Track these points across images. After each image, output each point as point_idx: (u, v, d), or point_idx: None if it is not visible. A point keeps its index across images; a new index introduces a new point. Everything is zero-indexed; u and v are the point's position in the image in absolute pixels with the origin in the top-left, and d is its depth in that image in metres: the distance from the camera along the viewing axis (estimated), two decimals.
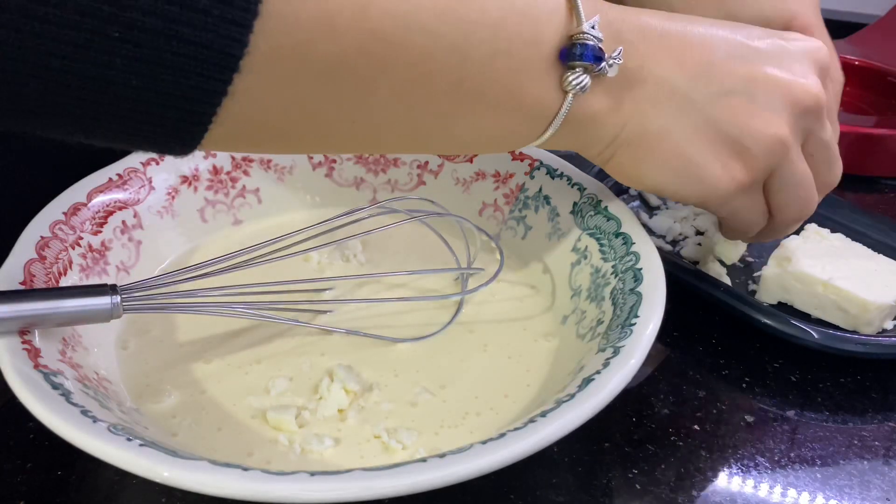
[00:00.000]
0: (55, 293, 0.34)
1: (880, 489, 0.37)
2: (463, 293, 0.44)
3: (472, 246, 0.47)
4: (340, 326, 0.41)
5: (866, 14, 0.94)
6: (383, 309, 0.43)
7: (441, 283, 0.45)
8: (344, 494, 0.28)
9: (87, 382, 0.34)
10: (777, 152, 0.38)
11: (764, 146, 0.37)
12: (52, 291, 0.34)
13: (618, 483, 0.36)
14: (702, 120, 0.37)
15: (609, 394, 0.32)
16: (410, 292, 0.45)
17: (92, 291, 0.34)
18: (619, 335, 0.35)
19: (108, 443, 0.28)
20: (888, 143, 0.65)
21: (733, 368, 0.44)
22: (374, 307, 0.43)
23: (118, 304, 0.34)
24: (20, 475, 0.35)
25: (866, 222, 0.54)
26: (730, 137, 0.37)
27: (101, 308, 0.34)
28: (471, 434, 0.36)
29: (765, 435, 0.40)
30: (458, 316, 0.43)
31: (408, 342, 0.41)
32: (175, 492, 0.29)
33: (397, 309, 0.43)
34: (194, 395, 0.37)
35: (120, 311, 0.35)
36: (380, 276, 0.45)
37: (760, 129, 0.37)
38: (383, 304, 0.43)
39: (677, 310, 0.45)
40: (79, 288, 0.35)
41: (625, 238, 0.41)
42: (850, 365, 0.44)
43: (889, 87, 0.75)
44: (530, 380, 0.39)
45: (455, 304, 0.44)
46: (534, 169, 0.48)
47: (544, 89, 0.34)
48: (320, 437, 0.35)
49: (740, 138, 0.37)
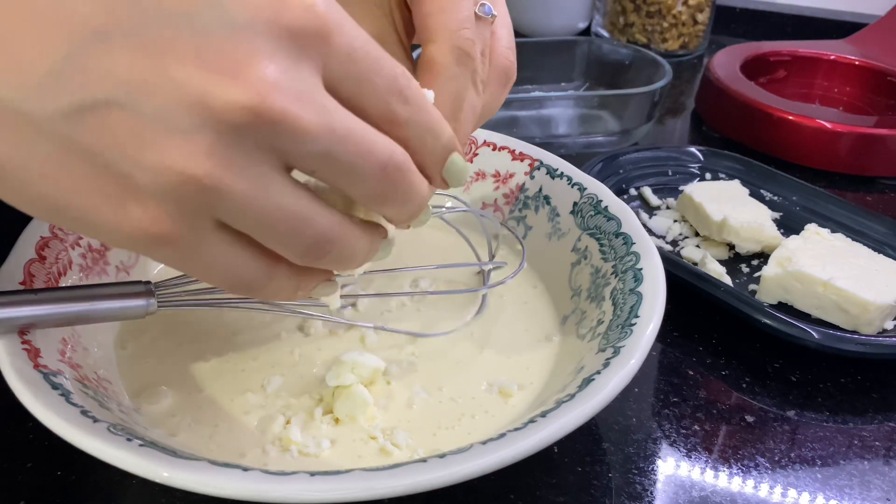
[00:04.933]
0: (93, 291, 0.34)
1: (880, 489, 0.37)
2: (486, 287, 0.44)
3: (495, 240, 0.47)
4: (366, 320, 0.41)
5: (866, 14, 0.94)
6: (401, 304, 0.43)
7: (462, 278, 0.46)
8: (344, 494, 0.28)
9: (86, 382, 0.34)
10: (191, 196, 0.24)
11: (165, 188, 0.24)
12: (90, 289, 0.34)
13: (618, 483, 0.36)
14: (59, 148, 0.24)
15: (609, 394, 0.32)
16: (432, 287, 0.45)
17: (128, 290, 0.35)
18: (620, 335, 0.35)
19: (108, 443, 0.28)
20: (888, 143, 0.65)
21: (733, 368, 0.44)
22: (390, 302, 0.43)
23: (153, 303, 0.35)
24: (20, 475, 0.35)
25: (866, 222, 0.54)
26: (114, 170, 0.24)
27: (138, 307, 0.35)
28: (469, 435, 0.36)
29: (765, 435, 0.40)
30: (482, 311, 0.43)
31: (432, 336, 0.41)
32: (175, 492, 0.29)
33: (415, 305, 0.43)
34: (192, 394, 0.37)
35: (154, 308, 0.35)
36: (402, 271, 0.45)
37: (155, 162, 0.24)
38: (399, 300, 0.44)
39: (677, 310, 0.45)
40: (115, 285, 0.35)
41: (625, 238, 0.41)
42: (850, 365, 0.44)
43: (889, 87, 0.75)
44: (530, 380, 0.39)
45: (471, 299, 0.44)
46: (534, 169, 0.48)
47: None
48: (318, 439, 0.35)
49: (131, 173, 0.24)
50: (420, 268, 0.45)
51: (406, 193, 0.28)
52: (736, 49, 0.77)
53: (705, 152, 0.61)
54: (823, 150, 0.65)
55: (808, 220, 0.53)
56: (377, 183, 0.27)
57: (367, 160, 0.27)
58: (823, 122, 0.65)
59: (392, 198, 0.28)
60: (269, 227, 0.26)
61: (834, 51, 0.79)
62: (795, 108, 0.67)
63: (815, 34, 0.91)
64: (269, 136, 0.24)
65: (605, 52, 0.77)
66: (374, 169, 0.27)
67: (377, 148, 0.27)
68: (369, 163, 0.27)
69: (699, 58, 0.90)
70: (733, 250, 0.53)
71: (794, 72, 0.79)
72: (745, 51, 0.77)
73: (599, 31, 0.93)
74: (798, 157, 0.66)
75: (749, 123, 0.68)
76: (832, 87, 0.78)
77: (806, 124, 0.65)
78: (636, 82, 0.71)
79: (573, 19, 0.93)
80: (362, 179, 0.27)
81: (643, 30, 0.88)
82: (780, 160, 0.66)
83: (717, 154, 0.61)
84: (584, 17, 0.94)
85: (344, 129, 0.26)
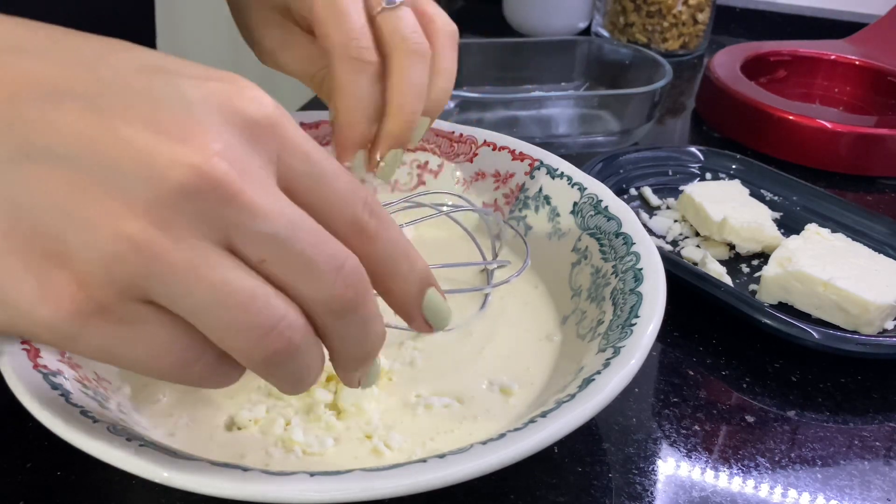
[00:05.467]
0: None
1: (881, 489, 0.37)
2: (491, 286, 0.44)
3: (498, 239, 0.47)
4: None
5: (866, 14, 0.94)
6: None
7: (466, 277, 0.46)
8: (344, 495, 0.28)
9: (86, 383, 0.34)
10: (128, 260, 0.23)
11: (98, 251, 0.23)
12: None
13: (618, 483, 0.36)
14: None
15: (609, 394, 0.32)
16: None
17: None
18: (620, 335, 0.35)
19: (108, 443, 0.28)
20: (888, 143, 0.65)
21: (733, 368, 0.44)
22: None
23: None
24: (20, 475, 0.35)
25: (866, 222, 0.54)
26: (41, 231, 0.23)
27: None
28: (469, 435, 0.36)
29: (765, 435, 0.40)
30: (485, 308, 0.43)
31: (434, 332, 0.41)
32: (175, 492, 0.29)
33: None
34: (189, 392, 0.37)
35: None
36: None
37: (89, 218, 0.22)
38: None
39: (677, 310, 0.45)
40: None
41: (625, 238, 0.41)
42: (850, 365, 0.44)
43: (889, 87, 0.75)
44: (530, 380, 0.39)
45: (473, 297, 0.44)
46: (534, 169, 0.48)
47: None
48: (320, 439, 0.35)
49: (60, 233, 0.23)
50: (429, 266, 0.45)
51: (365, 312, 0.26)
52: (736, 49, 0.77)
53: (705, 152, 0.61)
54: (823, 150, 0.65)
55: (808, 220, 0.53)
56: (333, 284, 0.25)
57: (322, 252, 0.24)
58: (823, 122, 0.65)
59: (351, 311, 0.25)
60: (207, 308, 0.23)
61: (834, 51, 0.79)
62: (795, 108, 0.67)
63: (815, 34, 0.91)
64: (215, 206, 0.23)
65: (605, 51, 0.77)
66: (329, 265, 0.24)
67: (333, 246, 0.25)
68: (324, 256, 0.24)
69: (699, 58, 0.90)
70: (733, 250, 0.53)
71: (794, 72, 0.79)
72: (745, 51, 0.77)
73: (599, 30, 0.93)
74: (798, 157, 0.66)
75: (749, 123, 0.68)
76: (832, 87, 0.78)
77: (806, 124, 0.65)
78: (636, 82, 0.71)
79: (573, 19, 0.93)
80: (316, 275, 0.24)
81: (643, 30, 0.88)
82: (780, 160, 0.66)
83: (717, 154, 0.61)
84: (585, 16, 0.94)
85: (298, 217, 0.24)
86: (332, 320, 0.25)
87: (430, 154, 0.50)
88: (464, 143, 0.50)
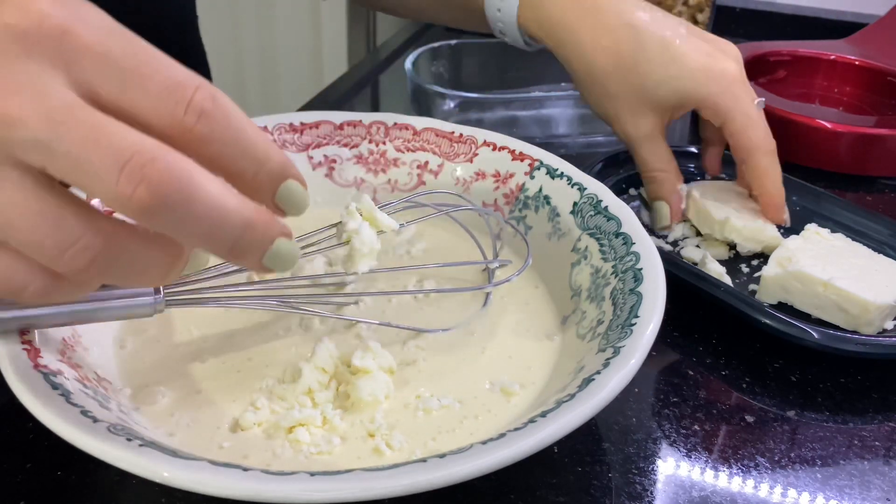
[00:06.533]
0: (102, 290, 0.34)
1: (880, 489, 0.37)
2: (492, 284, 0.44)
3: (499, 239, 0.47)
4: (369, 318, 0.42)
5: (866, 14, 0.94)
6: (404, 302, 0.44)
7: (466, 276, 0.46)
8: (344, 495, 0.28)
9: (86, 382, 0.34)
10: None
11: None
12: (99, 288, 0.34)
13: (618, 483, 0.36)
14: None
15: (609, 394, 0.32)
16: (438, 285, 0.45)
17: (136, 288, 0.35)
18: (620, 335, 0.35)
19: (108, 443, 0.28)
20: (888, 143, 0.65)
21: (733, 368, 0.44)
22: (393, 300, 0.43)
23: (161, 300, 0.35)
24: (20, 475, 0.35)
25: (866, 222, 0.54)
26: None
27: (145, 304, 0.34)
28: (470, 435, 0.36)
29: (765, 435, 0.40)
30: (486, 306, 0.43)
31: (437, 332, 0.41)
32: (175, 492, 0.29)
33: (418, 303, 0.44)
34: (190, 393, 0.37)
35: (162, 307, 0.35)
36: (409, 269, 0.45)
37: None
38: (404, 298, 0.44)
39: (677, 310, 0.45)
40: None
41: (625, 238, 0.41)
42: (850, 365, 0.44)
43: (889, 87, 0.75)
44: (530, 380, 0.39)
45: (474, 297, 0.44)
46: (534, 169, 0.48)
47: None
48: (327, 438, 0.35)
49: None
50: (424, 266, 0.45)
51: (183, 210, 0.24)
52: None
53: None
54: (823, 150, 0.65)
55: (808, 220, 0.53)
56: (115, 184, 0.23)
57: (94, 151, 0.23)
58: (823, 122, 0.65)
59: (153, 212, 0.24)
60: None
61: (834, 51, 0.79)
62: (795, 108, 0.67)
63: (815, 34, 0.91)
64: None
65: None
66: (103, 163, 0.23)
67: (118, 144, 0.23)
68: (97, 155, 0.23)
69: None
70: (734, 250, 0.53)
71: (794, 72, 0.79)
72: (745, 51, 0.77)
73: None
74: (798, 157, 0.66)
75: None
76: (832, 87, 0.78)
77: (806, 124, 0.65)
78: None
79: None
80: (92, 175, 0.23)
81: None
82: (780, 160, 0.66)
83: None
84: None
85: (64, 118, 0.23)
86: (141, 221, 0.25)
87: (430, 154, 0.50)
88: (464, 143, 0.50)
